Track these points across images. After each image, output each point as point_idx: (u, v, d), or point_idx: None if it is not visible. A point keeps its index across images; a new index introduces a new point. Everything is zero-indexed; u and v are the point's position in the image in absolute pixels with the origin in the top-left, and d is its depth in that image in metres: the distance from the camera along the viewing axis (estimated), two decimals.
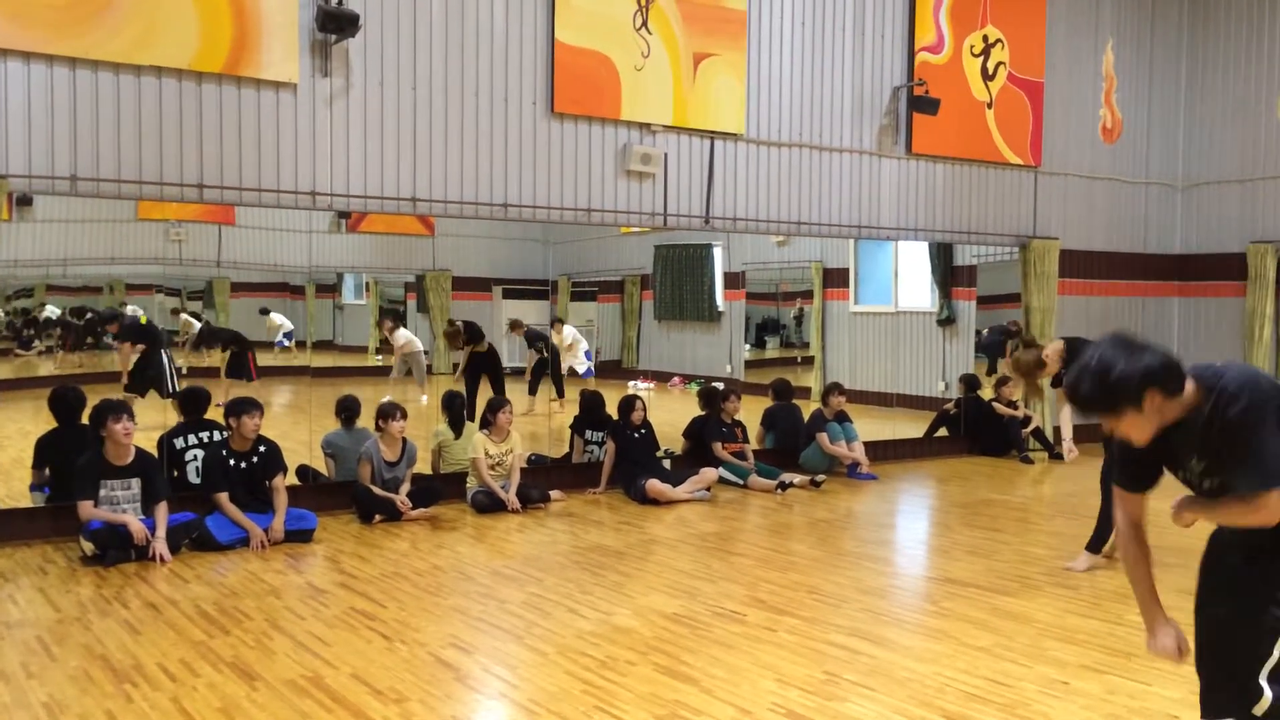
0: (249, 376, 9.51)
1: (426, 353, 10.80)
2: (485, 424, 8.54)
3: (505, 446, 8.49)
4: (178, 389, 8.57)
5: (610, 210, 9.54)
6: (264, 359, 10.08)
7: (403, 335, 10.65)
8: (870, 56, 11.00)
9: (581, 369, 11.48)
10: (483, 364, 10.33)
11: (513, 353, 11.24)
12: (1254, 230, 12.68)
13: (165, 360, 8.66)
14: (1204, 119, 13.24)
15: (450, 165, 8.73)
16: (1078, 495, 9.42)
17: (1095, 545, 6.78)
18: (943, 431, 11.99)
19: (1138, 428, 2.75)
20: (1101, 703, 4.41)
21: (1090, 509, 8.23)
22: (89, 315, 9.14)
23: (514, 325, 11.03)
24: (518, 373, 11.17)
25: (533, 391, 11.17)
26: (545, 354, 11.07)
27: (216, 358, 9.66)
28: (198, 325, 9.61)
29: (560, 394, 11.27)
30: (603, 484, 9.21)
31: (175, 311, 9.50)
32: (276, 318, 10.18)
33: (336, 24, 7.84)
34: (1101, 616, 5.67)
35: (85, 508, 6.63)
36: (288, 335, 10.20)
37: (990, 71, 11.70)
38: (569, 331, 11.56)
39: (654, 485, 8.75)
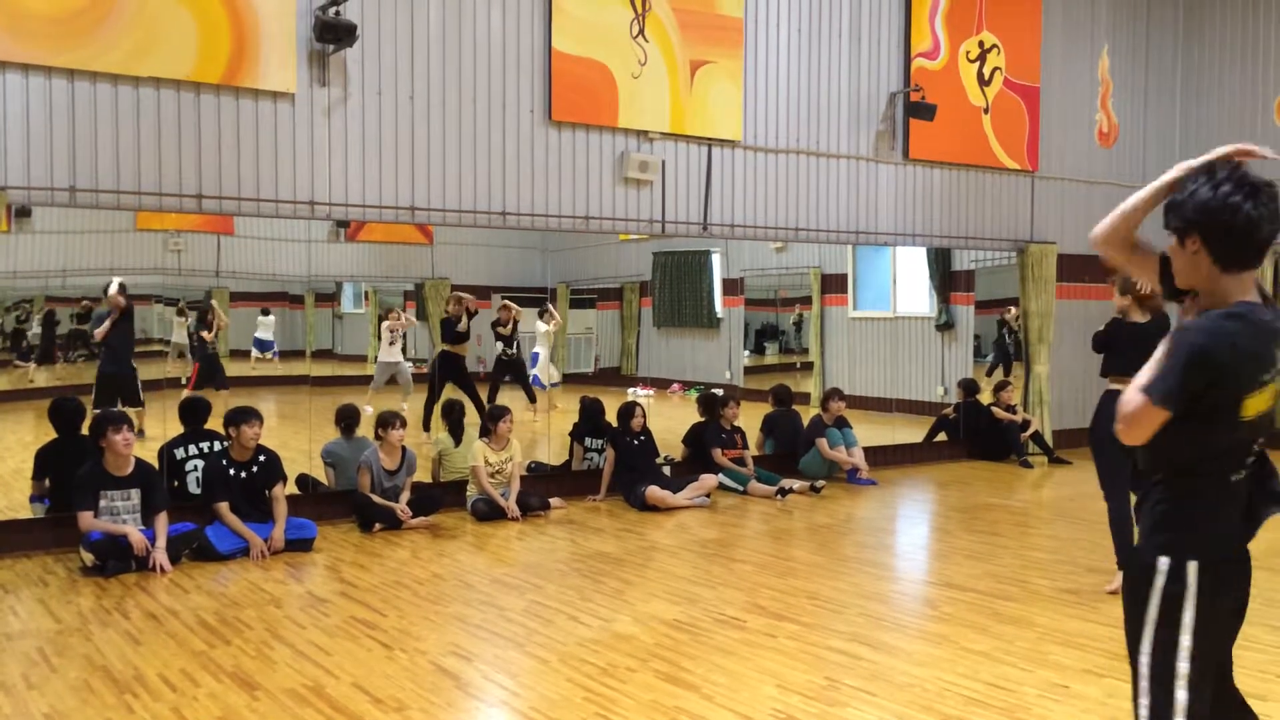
0: (223, 384, 9.49)
1: (424, 361, 10.80)
2: (485, 432, 8.55)
3: (505, 454, 8.50)
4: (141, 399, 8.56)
5: (608, 218, 9.56)
6: (257, 369, 10.09)
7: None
8: (866, 63, 11.03)
9: (548, 381, 11.42)
10: (451, 369, 10.23)
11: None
12: None
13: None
14: (1200, 122, 13.27)
15: (448, 174, 8.75)
16: (1077, 499, 9.42)
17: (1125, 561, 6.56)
18: (942, 436, 11.99)
19: (1174, 258, 2.58)
20: (1101, 706, 4.42)
21: (1091, 512, 8.24)
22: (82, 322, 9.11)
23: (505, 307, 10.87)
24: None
25: (532, 399, 11.15)
26: (513, 352, 10.95)
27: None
28: (184, 332, 9.55)
29: (532, 399, 11.18)
30: (602, 491, 9.21)
31: (181, 312, 9.48)
32: (263, 320, 10.18)
33: (334, 34, 7.87)
34: (1101, 620, 5.67)
35: (85, 518, 6.63)
36: (264, 345, 10.17)
37: (986, 77, 11.73)
38: (550, 325, 11.44)
39: (654, 492, 8.76)
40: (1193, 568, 2.57)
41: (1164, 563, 2.59)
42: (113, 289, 8.30)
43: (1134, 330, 6.30)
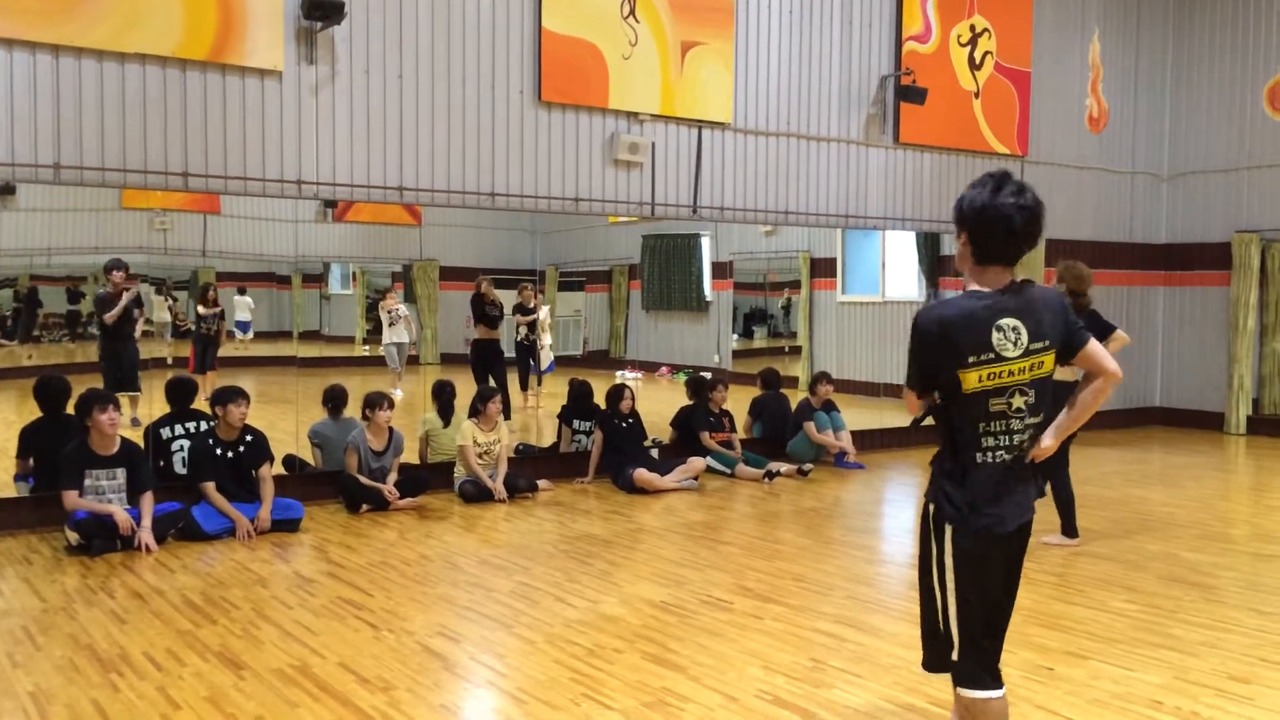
0: (211, 365, 9.43)
1: (414, 344, 10.76)
2: (474, 413, 8.53)
3: (493, 436, 8.48)
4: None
5: (598, 200, 9.53)
6: (239, 348, 10.04)
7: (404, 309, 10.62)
8: (858, 46, 11.00)
9: (544, 364, 11.43)
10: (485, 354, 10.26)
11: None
12: (1239, 220, 12.74)
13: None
14: (1189, 109, 13.29)
15: (437, 154, 8.70)
16: None
17: (1070, 530, 7.09)
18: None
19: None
20: (1085, 688, 4.44)
21: (1079, 496, 8.29)
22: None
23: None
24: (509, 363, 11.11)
25: (525, 386, 11.13)
26: (533, 337, 10.96)
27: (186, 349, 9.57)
28: (166, 313, 9.46)
29: (525, 385, 11.17)
30: (590, 473, 9.21)
31: (161, 291, 9.40)
32: (240, 300, 10.12)
33: (322, 11, 7.81)
34: (1085, 603, 5.70)
35: (70, 497, 6.60)
36: (242, 326, 10.10)
37: (977, 61, 11.71)
38: (545, 312, 11.47)
39: (641, 474, 8.76)
40: (948, 530, 3.06)
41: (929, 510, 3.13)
42: (117, 273, 8.26)
43: None
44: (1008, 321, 2.96)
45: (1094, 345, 3.15)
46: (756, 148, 10.39)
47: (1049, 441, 3.13)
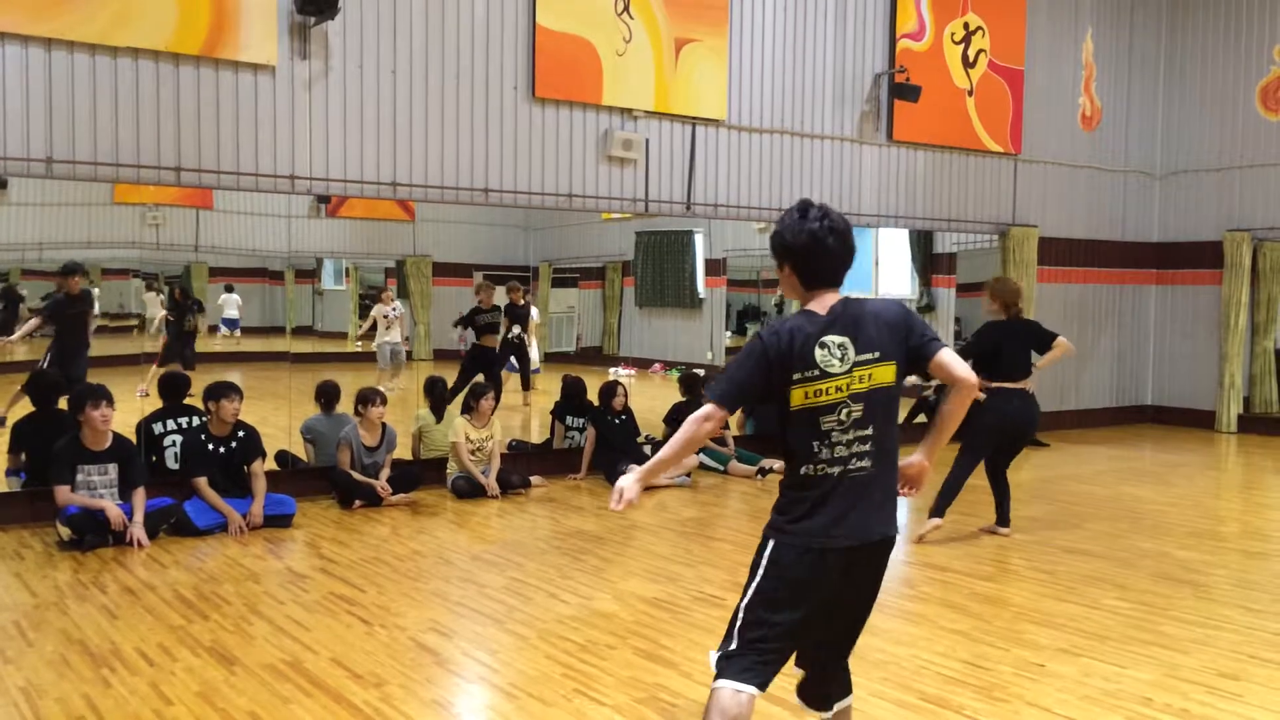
0: (190, 362, 9.37)
1: (408, 339, 10.75)
2: (467, 409, 8.53)
3: (486, 432, 8.48)
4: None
5: (591, 196, 9.52)
6: (228, 344, 10.02)
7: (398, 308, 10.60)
8: (852, 43, 11.01)
9: (533, 366, 11.44)
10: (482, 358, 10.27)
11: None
12: (1230, 218, 12.78)
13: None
14: (1182, 108, 13.32)
15: (431, 150, 8.69)
16: (1054, 481, 9.49)
17: (1003, 519, 7.34)
18: (921, 418, 12.03)
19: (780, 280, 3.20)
20: (1077, 685, 4.46)
21: (1067, 494, 8.33)
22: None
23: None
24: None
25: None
26: (526, 335, 10.97)
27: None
28: (159, 308, 9.42)
29: (526, 386, 11.17)
30: (583, 470, 9.21)
31: (150, 288, 9.38)
32: (228, 298, 10.11)
33: (316, 6, 7.78)
34: (1077, 600, 5.72)
35: (62, 493, 6.58)
36: (231, 323, 10.08)
37: (971, 59, 11.73)
38: (535, 312, 11.47)
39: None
40: (770, 545, 3.10)
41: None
42: (74, 278, 8.19)
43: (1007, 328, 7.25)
44: (833, 339, 3.02)
45: (945, 355, 3.11)
46: (750, 144, 10.39)
47: (917, 457, 3.23)
